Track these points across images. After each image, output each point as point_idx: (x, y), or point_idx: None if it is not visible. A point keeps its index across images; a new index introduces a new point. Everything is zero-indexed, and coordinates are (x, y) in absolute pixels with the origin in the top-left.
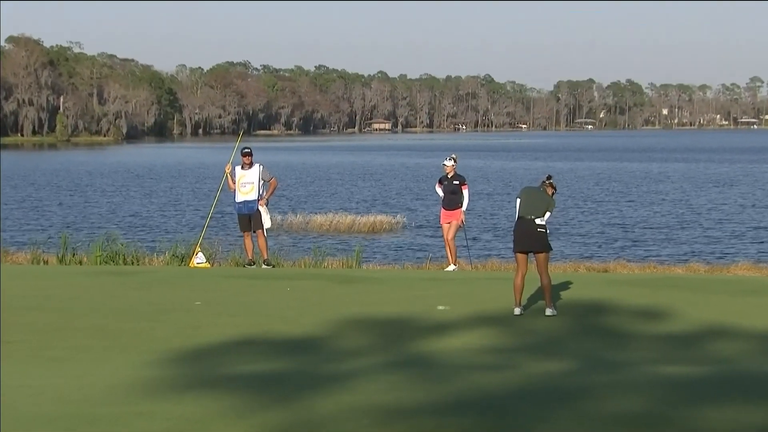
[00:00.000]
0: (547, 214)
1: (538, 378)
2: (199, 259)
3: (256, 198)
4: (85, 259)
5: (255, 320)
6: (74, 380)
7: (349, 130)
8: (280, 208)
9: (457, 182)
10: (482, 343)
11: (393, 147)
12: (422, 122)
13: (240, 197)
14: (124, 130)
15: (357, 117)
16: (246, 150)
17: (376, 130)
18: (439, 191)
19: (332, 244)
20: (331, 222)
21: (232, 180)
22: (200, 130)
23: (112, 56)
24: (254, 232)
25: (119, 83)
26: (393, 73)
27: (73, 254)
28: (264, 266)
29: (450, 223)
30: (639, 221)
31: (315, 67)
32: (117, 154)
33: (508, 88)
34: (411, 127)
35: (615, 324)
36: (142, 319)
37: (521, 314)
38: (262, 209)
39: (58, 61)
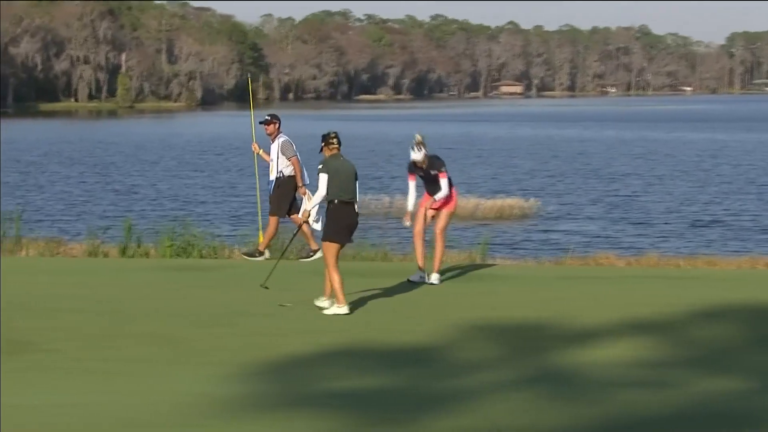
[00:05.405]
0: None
1: (705, 398)
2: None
3: (274, 177)
4: (152, 251)
5: (354, 326)
6: (129, 398)
7: (472, 94)
8: (386, 190)
9: (434, 171)
10: (635, 354)
11: (524, 115)
12: (562, 84)
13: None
14: (199, 95)
15: (482, 78)
16: (266, 118)
17: (505, 94)
18: (412, 187)
19: (450, 232)
20: None
21: (267, 153)
22: (290, 94)
23: (184, 4)
24: (289, 216)
25: (193, 37)
26: (526, 25)
27: (138, 245)
28: (250, 257)
29: (439, 210)
30: None
31: (430, 17)
32: (188, 122)
33: (669, 41)
34: (548, 90)
35: None
36: (216, 324)
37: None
38: (305, 199)
39: (119, 10)
